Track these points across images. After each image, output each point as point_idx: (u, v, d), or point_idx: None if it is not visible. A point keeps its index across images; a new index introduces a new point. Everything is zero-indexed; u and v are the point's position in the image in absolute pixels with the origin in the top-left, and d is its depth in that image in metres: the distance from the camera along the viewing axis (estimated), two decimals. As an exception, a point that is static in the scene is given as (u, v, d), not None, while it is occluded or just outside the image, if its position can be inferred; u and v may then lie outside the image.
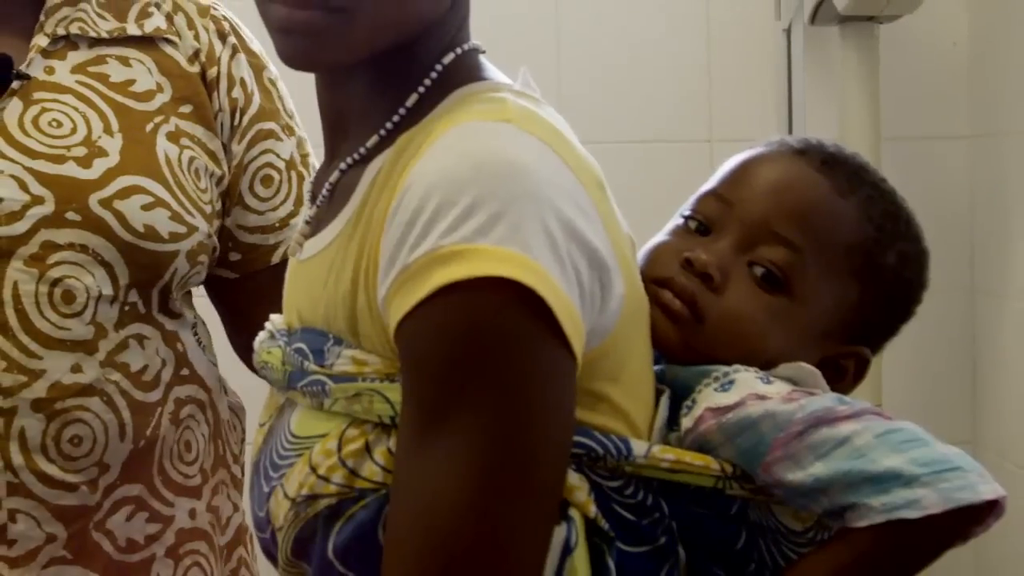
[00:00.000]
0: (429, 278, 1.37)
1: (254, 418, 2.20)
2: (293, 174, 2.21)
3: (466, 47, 1.61)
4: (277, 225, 2.20)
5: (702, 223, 1.67)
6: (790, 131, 3.76)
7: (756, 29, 3.87)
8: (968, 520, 1.49)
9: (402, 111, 1.58)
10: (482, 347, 1.38)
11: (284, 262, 2.12)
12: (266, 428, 1.67)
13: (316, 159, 1.96)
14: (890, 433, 1.51)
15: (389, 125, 1.58)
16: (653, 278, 1.63)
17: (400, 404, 1.45)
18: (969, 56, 3.84)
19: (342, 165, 1.62)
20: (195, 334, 2.13)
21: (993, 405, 3.75)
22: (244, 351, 2.19)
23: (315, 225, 1.65)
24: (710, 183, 1.71)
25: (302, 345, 1.59)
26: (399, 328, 1.41)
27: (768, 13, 3.83)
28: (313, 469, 1.51)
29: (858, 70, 3.63)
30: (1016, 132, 3.56)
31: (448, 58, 1.59)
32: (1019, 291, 3.56)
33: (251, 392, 2.16)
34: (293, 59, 1.53)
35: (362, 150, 1.59)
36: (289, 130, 2.23)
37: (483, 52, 1.65)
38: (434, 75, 1.58)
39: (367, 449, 1.49)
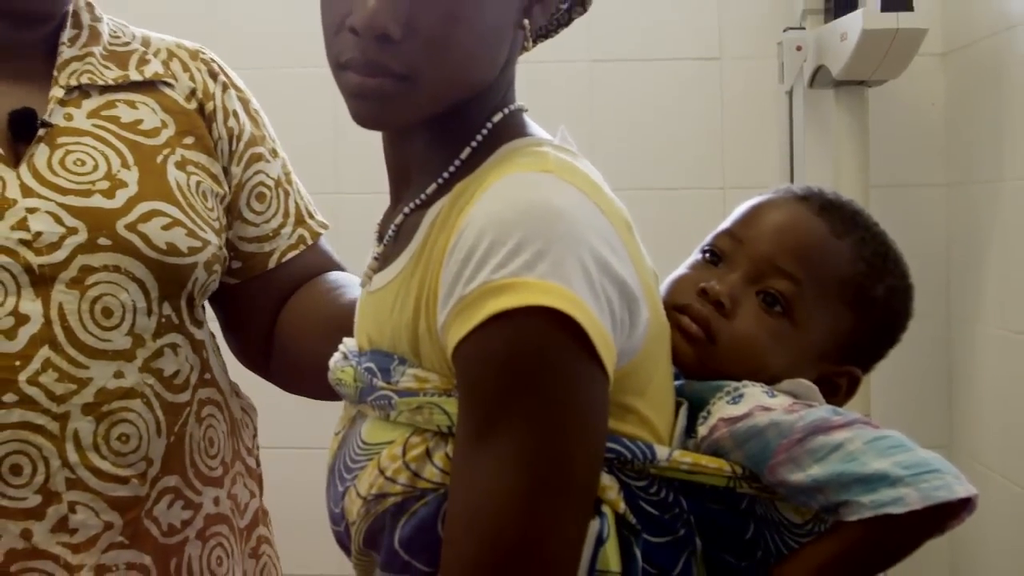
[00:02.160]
0: (483, 307, 1.39)
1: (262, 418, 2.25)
2: (280, 191, 2.22)
3: (512, 107, 1.62)
4: (270, 235, 2.20)
5: (717, 255, 1.68)
6: (792, 179, 3.74)
7: (762, 92, 3.86)
8: (945, 515, 1.50)
9: (457, 163, 1.58)
10: (528, 366, 1.39)
11: (276, 268, 2.19)
12: (340, 436, 1.67)
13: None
14: (878, 440, 1.52)
15: (446, 175, 1.58)
16: (673, 305, 1.64)
17: (457, 415, 1.46)
18: (945, 115, 3.83)
19: (405, 209, 1.62)
20: (211, 342, 2.13)
21: (966, 415, 3.72)
22: (240, 352, 2.25)
23: (382, 261, 1.65)
24: (725, 223, 1.72)
25: (371, 365, 1.59)
26: (456, 350, 1.42)
27: (773, 78, 3.81)
28: (381, 471, 1.52)
29: (850, 127, 3.62)
30: (986, 181, 3.55)
31: (497, 117, 1.59)
32: (989, 317, 3.55)
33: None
34: (365, 120, 1.53)
35: (423, 196, 1.60)
36: (274, 153, 2.24)
37: (527, 111, 1.64)
38: (485, 132, 1.58)
39: (428, 454, 1.50)
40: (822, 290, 1.64)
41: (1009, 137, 3.40)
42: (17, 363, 1.88)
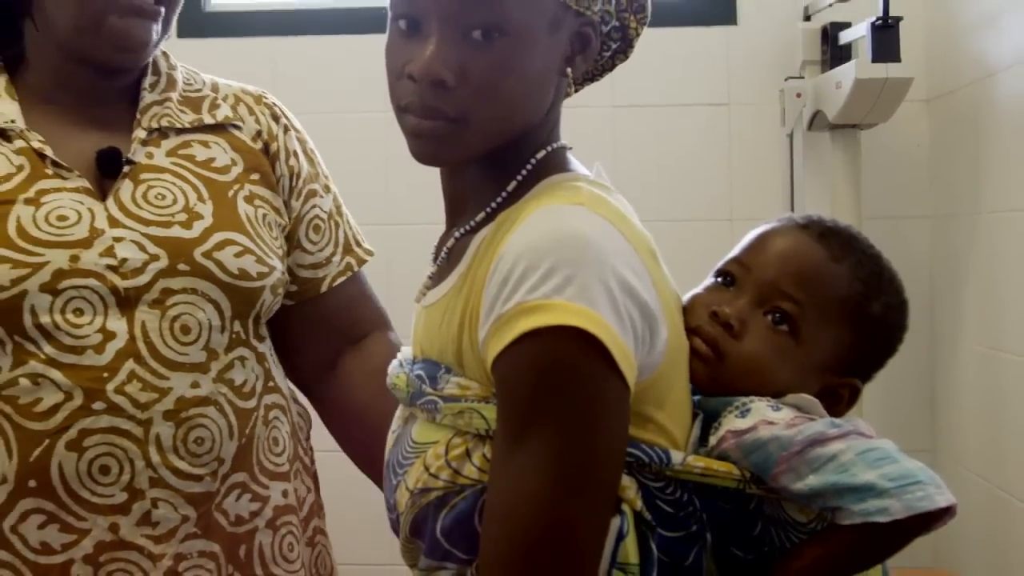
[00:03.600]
0: (517, 325, 1.40)
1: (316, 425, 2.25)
2: (332, 222, 2.22)
3: (555, 146, 1.62)
4: (323, 262, 2.20)
5: (727, 280, 1.67)
6: (792, 211, 3.72)
7: (766, 134, 3.84)
8: (927, 521, 1.50)
9: (504, 195, 1.59)
10: (557, 378, 1.40)
11: (327, 292, 2.19)
12: (395, 434, 1.67)
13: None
14: (868, 451, 1.52)
15: (493, 205, 1.59)
16: (687, 326, 1.62)
17: (494, 420, 1.47)
18: (929, 155, 3.81)
19: (456, 234, 1.63)
20: (272, 354, 2.13)
21: (948, 421, 3.71)
22: (291, 370, 2.23)
23: (436, 279, 1.66)
24: (734, 250, 1.71)
25: (421, 372, 1.60)
26: (495, 362, 1.43)
27: (775, 122, 3.80)
28: (426, 468, 1.53)
29: (845, 165, 3.61)
30: (965, 214, 3.53)
31: (541, 154, 1.60)
32: (968, 335, 3.54)
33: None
34: (422, 157, 1.55)
35: (472, 223, 1.61)
36: (327, 189, 2.24)
37: (570, 149, 1.65)
38: (529, 167, 1.59)
39: (467, 454, 1.50)
40: (823, 310, 1.63)
41: (986, 174, 3.39)
42: (105, 375, 1.89)
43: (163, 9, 2.02)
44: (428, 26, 1.50)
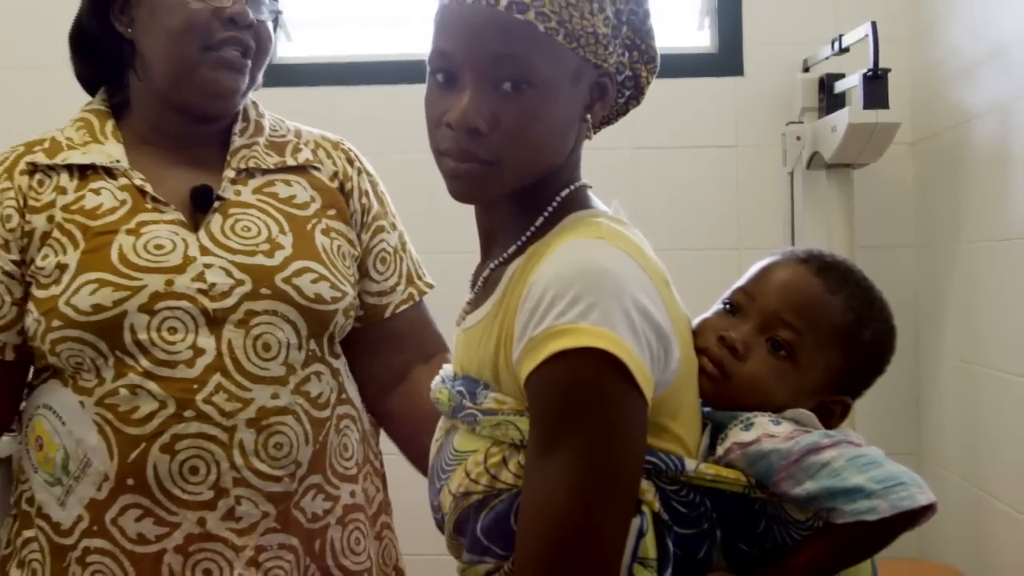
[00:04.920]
0: (547, 346, 1.40)
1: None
2: (397, 256, 2.22)
3: (577, 184, 1.62)
4: (388, 291, 2.20)
5: (734, 307, 1.67)
6: (793, 242, 3.72)
7: (769, 173, 3.83)
8: (911, 518, 1.51)
9: (532, 230, 1.59)
10: (583, 394, 1.40)
11: (392, 317, 2.19)
12: (439, 443, 1.67)
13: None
14: (858, 458, 1.53)
15: (523, 239, 1.59)
16: (696, 348, 1.62)
17: (527, 431, 1.46)
18: (914, 191, 3.80)
19: (492, 265, 1.63)
20: (346, 369, 2.14)
21: (931, 427, 3.69)
22: (361, 380, 2.22)
23: (473, 304, 1.66)
24: (741, 280, 1.70)
25: (462, 388, 1.60)
26: (527, 380, 1.43)
27: (777, 162, 3.79)
28: (467, 474, 1.53)
29: (839, 200, 3.59)
30: (946, 243, 3.52)
31: (564, 192, 1.60)
32: (949, 350, 3.52)
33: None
34: (459, 196, 1.55)
35: (505, 255, 1.61)
36: (393, 226, 2.24)
37: (591, 188, 1.64)
38: (554, 204, 1.59)
39: (504, 462, 1.50)
40: (819, 337, 1.62)
41: (965, 209, 3.38)
42: (195, 386, 1.91)
43: (249, 62, 2.04)
44: (463, 79, 1.50)
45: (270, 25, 2.08)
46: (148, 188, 2.01)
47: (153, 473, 1.91)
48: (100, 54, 2.13)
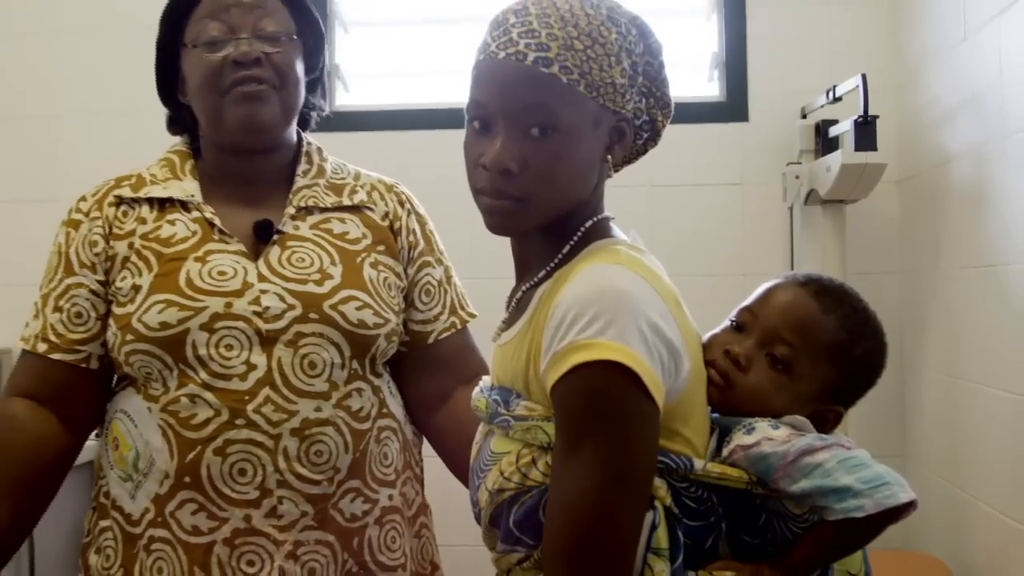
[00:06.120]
0: (570, 359, 1.41)
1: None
2: (442, 289, 2.21)
3: (600, 217, 1.62)
4: (431, 319, 2.19)
5: (740, 324, 1.67)
6: (792, 269, 3.71)
7: (771, 207, 3.82)
8: (895, 514, 1.51)
9: (559, 257, 1.59)
10: (602, 401, 1.40)
11: (435, 343, 2.18)
12: (477, 446, 1.67)
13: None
14: (847, 460, 1.53)
15: (551, 265, 1.60)
16: (705, 359, 1.62)
17: (554, 435, 1.46)
18: (900, 223, 3.78)
19: (524, 287, 1.64)
20: (389, 387, 2.13)
21: (914, 432, 3.66)
22: (409, 398, 2.21)
23: (508, 323, 1.67)
24: (747, 300, 1.70)
25: (497, 397, 1.60)
26: (552, 389, 1.44)
27: (779, 198, 3.79)
28: (502, 473, 1.53)
29: (833, 232, 3.58)
30: (928, 270, 3.50)
31: (588, 224, 1.60)
32: (930, 365, 3.50)
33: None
34: (494, 229, 1.56)
35: (535, 279, 1.61)
36: (439, 261, 2.23)
37: (613, 219, 1.65)
38: (579, 234, 1.59)
39: (533, 462, 1.50)
40: (814, 354, 1.62)
41: (944, 239, 3.37)
42: (247, 397, 1.93)
43: (274, 91, 2.04)
44: (496, 126, 1.51)
45: (291, 54, 2.08)
46: (216, 221, 2.04)
47: (207, 473, 1.93)
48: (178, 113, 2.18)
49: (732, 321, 1.69)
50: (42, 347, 2.04)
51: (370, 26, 4.12)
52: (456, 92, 3.77)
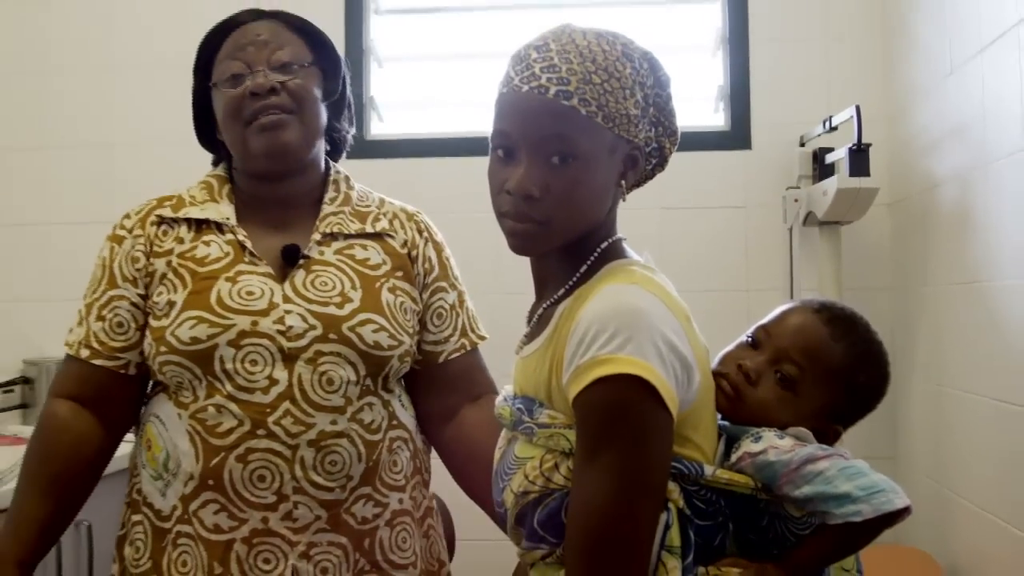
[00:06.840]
0: (591, 373, 1.42)
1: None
2: (454, 312, 2.20)
3: (614, 238, 1.63)
4: (442, 340, 2.18)
5: (755, 341, 1.68)
6: (791, 285, 3.73)
7: (772, 229, 3.82)
8: (890, 519, 1.52)
9: (577, 276, 1.59)
10: (620, 411, 1.41)
11: (445, 362, 2.17)
12: (501, 451, 1.67)
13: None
14: (846, 468, 1.53)
15: (570, 284, 1.60)
16: (718, 372, 1.63)
17: (575, 442, 1.47)
18: (891, 243, 3.78)
19: (544, 305, 1.64)
20: (400, 401, 2.12)
21: (905, 436, 3.65)
22: (420, 411, 2.19)
23: (529, 337, 1.67)
24: (764, 319, 1.71)
25: (521, 406, 1.60)
26: (575, 400, 1.44)
27: (779, 220, 3.79)
28: (526, 476, 1.54)
29: (829, 251, 3.58)
30: (916, 286, 3.50)
31: (603, 245, 1.61)
32: (919, 374, 3.50)
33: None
34: (517, 250, 1.57)
35: (555, 297, 1.62)
36: (453, 287, 2.22)
37: (626, 240, 1.65)
38: (595, 255, 1.60)
39: (556, 467, 1.51)
40: (819, 376, 1.63)
41: (933, 258, 3.37)
42: (268, 410, 1.93)
43: (295, 116, 2.05)
44: (519, 154, 1.52)
45: (307, 80, 2.09)
46: (248, 244, 2.05)
47: (229, 477, 1.93)
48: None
49: (749, 337, 1.70)
50: (85, 353, 2.07)
51: (401, 61, 4.13)
52: (482, 122, 3.78)
